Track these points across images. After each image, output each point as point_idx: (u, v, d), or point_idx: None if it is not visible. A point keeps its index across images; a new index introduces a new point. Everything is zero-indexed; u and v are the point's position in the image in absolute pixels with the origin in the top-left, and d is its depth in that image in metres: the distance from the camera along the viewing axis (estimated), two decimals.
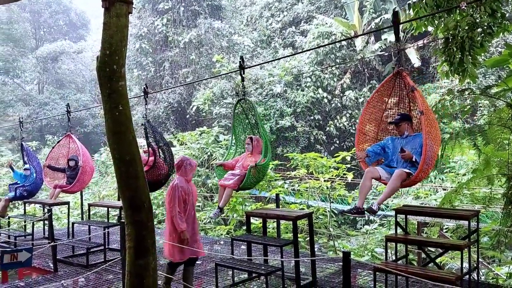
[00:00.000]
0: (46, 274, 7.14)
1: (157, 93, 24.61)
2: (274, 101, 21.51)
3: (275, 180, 13.26)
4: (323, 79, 21.22)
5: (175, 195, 5.23)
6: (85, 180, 9.65)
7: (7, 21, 38.29)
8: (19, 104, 35.04)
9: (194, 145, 17.95)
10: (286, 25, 25.32)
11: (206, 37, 24.76)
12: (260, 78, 22.02)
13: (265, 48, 25.83)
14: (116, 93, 3.93)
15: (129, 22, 4.02)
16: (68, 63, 38.30)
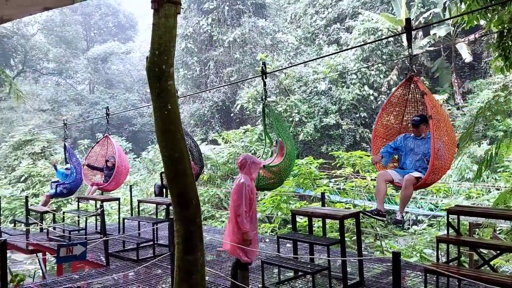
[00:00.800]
0: (99, 268, 7.39)
1: (202, 92, 24.96)
2: (319, 99, 21.34)
3: (320, 178, 13.17)
4: (369, 76, 20.85)
5: (242, 193, 5.05)
6: (120, 179, 10.09)
7: (60, 23, 39.99)
8: (72, 104, 36.47)
9: (238, 143, 18.12)
10: (330, 21, 25.04)
11: (250, 35, 24.88)
12: (304, 75, 21.89)
13: (309, 46, 25.65)
14: (165, 92, 4.02)
15: (177, 23, 4.10)
16: (117, 63, 39.51)
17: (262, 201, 13.62)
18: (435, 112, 4.95)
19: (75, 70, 40.29)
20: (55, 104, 36.19)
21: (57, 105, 36.14)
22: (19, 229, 11.61)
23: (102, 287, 6.20)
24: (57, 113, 35.16)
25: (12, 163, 25.17)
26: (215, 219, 15.11)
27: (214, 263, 7.34)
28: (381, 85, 20.93)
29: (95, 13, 43.99)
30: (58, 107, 36.04)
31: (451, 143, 5.12)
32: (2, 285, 4.61)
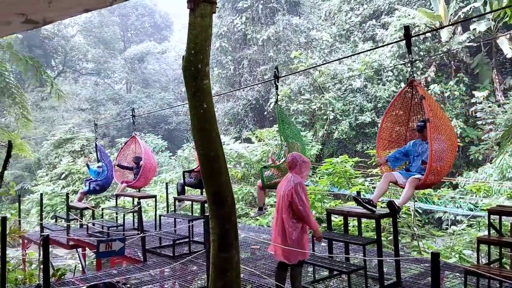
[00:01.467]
0: (136, 263, 7.55)
1: (236, 91, 25.09)
2: (354, 96, 21.08)
3: (355, 177, 13.01)
4: (406, 73, 20.41)
5: (300, 193, 4.89)
6: (148, 177, 10.54)
7: (99, 24, 41.03)
8: (109, 103, 37.37)
9: (271, 142, 18.12)
10: (366, 18, 24.67)
11: (284, 33, 24.81)
12: (339, 73, 21.67)
13: (344, 43, 25.35)
14: (200, 91, 4.05)
15: (213, 22, 4.13)
16: (153, 63, 40.19)
17: None
18: (434, 116, 5.17)
19: (113, 70, 41.24)
20: (93, 103, 37.16)
21: (96, 104, 37.11)
22: (60, 225, 11.99)
23: (139, 283, 6.34)
24: (96, 112, 36.10)
25: (53, 161, 26.04)
26: (249, 217, 15.18)
27: (249, 261, 7.38)
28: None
29: (132, 14, 44.88)
30: (96, 106, 37.00)
31: (451, 145, 5.36)
32: (44, 279, 4.77)
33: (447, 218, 15.57)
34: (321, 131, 20.97)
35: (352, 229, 9.63)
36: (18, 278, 8.21)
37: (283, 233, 5.01)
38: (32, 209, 22.31)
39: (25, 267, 10.47)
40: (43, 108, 33.44)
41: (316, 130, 21.30)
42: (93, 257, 13.72)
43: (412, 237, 11.24)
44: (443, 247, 10.43)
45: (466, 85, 20.11)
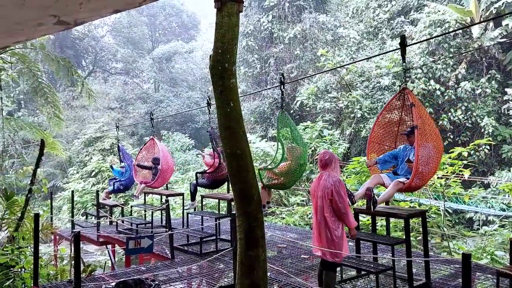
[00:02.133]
0: (164, 260, 7.65)
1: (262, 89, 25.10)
2: (382, 94, 20.79)
3: None
4: (435, 70, 20.01)
5: (339, 189, 4.84)
6: (166, 177, 10.78)
7: (128, 25, 41.70)
8: (138, 102, 37.94)
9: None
10: (394, 15, 24.28)
11: (310, 31, 24.68)
12: (366, 70, 21.42)
13: (372, 40, 25.03)
14: (227, 90, 4.08)
15: (239, 21, 4.15)
16: (181, 62, 40.58)
17: None
18: (422, 123, 5.46)
19: (141, 70, 41.83)
20: (122, 102, 37.79)
21: (125, 104, 37.72)
22: (90, 222, 12.27)
23: (167, 280, 6.42)
24: (125, 111, 36.71)
25: (84, 159, 26.64)
26: (276, 216, 15.17)
27: (276, 260, 7.37)
28: (448, 79, 20.03)
29: (160, 14, 45.42)
30: (125, 105, 37.62)
31: (438, 152, 5.65)
32: (76, 275, 4.89)
33: (479, 219, 15.22)
34: (348, 129, 20.79)
35: (380, 228, 9.52)
36: (50, 273, 8.42)
37: (326, 233, 4.95)
38: (63, 206, 22.90)
39: (57, 262, 10.74)
40: (74, 107, 34.20)
41: (343, 129, 21.12)
42: (122, 253, 13.98)
43: (442, 237, 11.03)
44: (474, 248, 10.20)
45: (498, 82, 19.58)
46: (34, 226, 6.37)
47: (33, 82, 10.89)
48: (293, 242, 8.46)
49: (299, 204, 15.42)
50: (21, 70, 11.21)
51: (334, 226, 4.91)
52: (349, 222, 4.91)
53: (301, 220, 13.59)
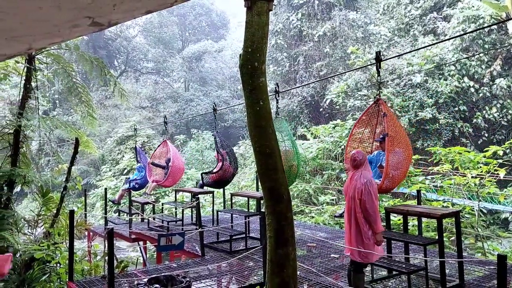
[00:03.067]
0: (194, 258, 7.73)
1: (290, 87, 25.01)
2: (413, 92, 20.40)
3: (415, 175, 12.62)
4: (469, 67, 19.49)
5: (371, 190, 4.79)
6: (176, 177, 11.41)
7: (158, 25, 42.28)
8: (169, 101, 38.43)
9: (327, 139, 17.93)
10: (426, 11, 23.76)
11: (340, 29, 24.45)
12: (397, 68, 21.06)
13: (403, 37, 24.59)
14: (257, 89, 4.09)
15: (269, 20, 4.15)
16: (210, 61, 40.88)
17: None
18: (393, 131, 6.06)
19: (172, 69, 42.33)
20: (153, 101, 38.35)
21: (156, 103, 38.27)
22: (123, 219, 12.51)
23: (198, 277, 6.49)
24: (156, 110, 37.24)
25: (116, 157, 27.18)
26: (305, 214, 15.12)
27: (305, 258, 7.35)
28: (482, 76, 19.49)
29: (190, 14, 45.85)
30: (156, 104, 38.16)
31: (407, 157, 6.26)
32: (109, 270, 5.00)
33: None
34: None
35: (411, 228, 9.37)
36: (84, 269, 8.64)
37: (358, 234, 4.91)
38: (96, 203, 23.43)
39: (91, 258, 11.01)
40: (107, 106, 34.93)
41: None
42: (153, 250, 14.20)
43: (476, 238, 10.76)
44: (510, 249, 9.92)
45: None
46: (69, 222, 6.55)
47: (68, 82, 11.16)
48: (323, 241, 8.42)
49: (328, 203, 15.32)
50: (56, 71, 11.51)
51: (365, 227, 4.86)
52: (376, 225, 4.82)
53: (331, 219, 13.50)
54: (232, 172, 9.76)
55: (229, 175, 9.76)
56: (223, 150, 9.80)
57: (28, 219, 9.69)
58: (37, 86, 10.16)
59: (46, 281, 7.79)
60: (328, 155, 17.95)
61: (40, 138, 14.44)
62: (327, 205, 14.96)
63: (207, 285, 6.08)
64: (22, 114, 9.52)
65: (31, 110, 9.90)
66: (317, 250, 8.09)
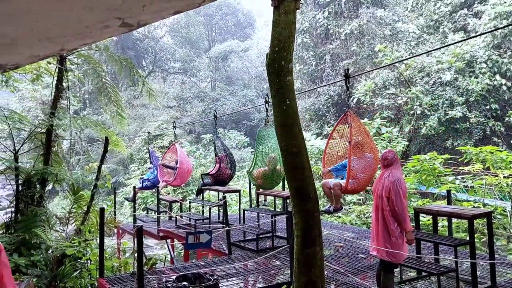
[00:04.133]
0: (221, 256, 7.78)
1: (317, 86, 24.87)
2: (443, 90, 20.00)
3: (445, 175, 12.36)
4: (501, 64, 18.97)
5: (398, 189, 4.75)
6: (183, 178, 12.43)
7: (185, 25, 42.68)
8: (195, 101, 38.76)
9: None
10: (456, 7, 23.25)
11: (368, 26, 24.16)
12: (426, 66, 20.68)
13: (432, 34, 24.11)
14: (284, 88, 4.09)
15: (296, 18, 4.14)
16: (236, 61, 41.02)
17: None
18: (362, 138, 6.96)
19: (198, 69, 42.66)
20: (180, 101, 38.74)
21: (183, 102, 38.65)
22: (151, 217, 12.69)
23: (225, 275, 6.53)
24: (183, 110, 37.62)
25: (144, 156, 27.57)
26: (331, 214, 15.01)
27: (332, 258, 7.31)
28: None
29: (216, 14, 46.10)
30: (183, 104, 38.54)
31: (375, 161, 6.90)
32: (138, 267, 5.08)
33: None
34: (407, 126, 20.18)
35: (441, 229, 9.20)
36: (114, 265, 8.80)
37: (385, 232, 4.88)
38: (125, 201, 23.82)
39: (120, 255, 11.21)
40: (135, 106, 35.47)
41: (402, 126, 20.52)
42: (181, 248, 14.36)
43: (508, 239, 10.47)
44: None
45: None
46: (100, 220, 6.68)
47: (98, 82, 11.40)
48: (350, 241, 8.35)
49: (355, 203, 15.17)
50: (87, 71, 11.77)
51: (393, 226, 4.81)
52: (405, 224, 4.76)
53: (358, 219, 13.37)
54: (229, 174, 10.99)
55: (226, 177, 10.97)
56: (221, 154, 10.93)
57: (59, 217, 9.94)
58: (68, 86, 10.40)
59: (77, 277, 7.97)
60: None
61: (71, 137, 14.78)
62: (354, 204, 14.81)
63: (234, 284, 6.11)
64: (54, 113, 9.76)
65: (62, 110, 10.14)
66: (344, 250, 8.03)
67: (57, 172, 9.44)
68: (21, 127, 10.27)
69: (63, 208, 11.03)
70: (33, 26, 2.83)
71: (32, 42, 3.17)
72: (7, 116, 9.65)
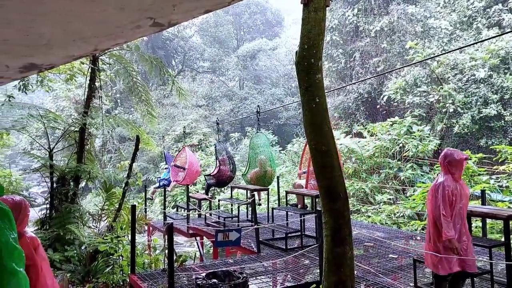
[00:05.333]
0: (250, 254, 7.80)
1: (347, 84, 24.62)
2: (477, 88, 19.47)
3: (479, 175, 12.05)
4: None
5: (437, 194, 4.53)
6: (191, 178, 13.71)
7: (214, 24, 42.93)
8: (224, 100, 38.96)
9: (385, 136, 17.50)
10: (491, 2, 22.57)
11: (398, 23, 23.74)
12: (459, 62, 20.18)
13: (466, 30, 23.49)
14: (313, 86, 4.06)
15: (325, 16, 4.10)
16: (264, 59, 40.99)
17: (412, 197, 12.99)
18: None
19: (227, 68, 42.85)
20: (209, 100, 39.01)
21: (211, 101, 38.91)
22: (180, 214, 12.83)
23: (254, 273, 6.54)
24: (211, 109, 37.87)
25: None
26: (361, 214, 14.85)
27: (362, 258, 7.23)
28: None
29: (245, 12, 46.19)
30: (212, 102, 38.80)
31: None
32: (169, 264, 5.15)
33: None
34: (439, 125, 19.74)
35: (475, 230, 8.98)
36: (145, 262, 8.94)
37: (430, 237, 4.70)
38: (155, 199, 24.16)
39: (150, 252, 11.38)
40: (165, 105, 35.91)
41: (433, 124, 20.09)
42: (210, 245, 14.47)
43: None
44: None
45: None
46: (131, 217, 6.80)
47: (129, 81, 11.60)
48: (381, 241, 8.24)
49: (385, 202, 14.96)
50: (118, 71, 11.99)
51: (433, 230, 4.65)
52: (444, 230, 4.45)
53: (388, 219, 13.18)
54: (229, 175, 12.12)
55: (226, 177, 12.14)
56: (222, 156, 12.18)
57: (92, 213, 10.17)
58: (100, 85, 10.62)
59: (109, 273, 8.13)
60: (385, 153, 17.53)
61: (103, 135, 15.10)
62: (384, 204, 14.61)
63: (263, 282, 6.12)
64: (87, 112, 9.99)
65: (95, 109, 10.37)
66: (375, 250, 7.93)
67: (90, 170, 9.66)
68: (55, 126, 10.55)
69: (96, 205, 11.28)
70: (67, 27, 2.90)
71: (67, 42, 3.25)
72: (42, 115, 9.93)
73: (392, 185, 15.95)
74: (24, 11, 2.53)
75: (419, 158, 16.78)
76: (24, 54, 3.43)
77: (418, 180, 15.54)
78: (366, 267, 6.43)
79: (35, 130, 14.46)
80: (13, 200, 3.43)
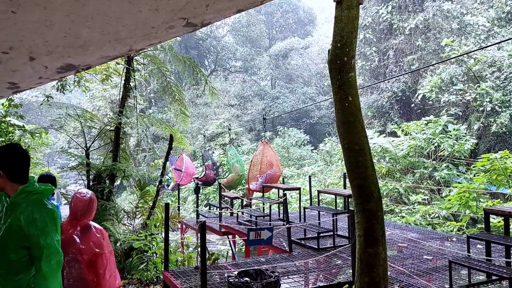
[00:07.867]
0: (282, 253, 7.80)
1: (380, 83, 24.26)
2: None
3: None
4: None
5: None
6: (187, 179, 17.21)
7: (246, 24, 43.08)
8: (256, 99, 39.05)
9: (419, 135, 17.15)
10: None
11: (434, 20, 23.22)
12: (497, 60, 19.55)
13: (504, 27, 22.74)
14: (346, 84, 4.02)
15: (359, 13, 4.06)
16: (296, 58, 40.84)
17: (448, 197, 12.70)
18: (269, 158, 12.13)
19: (259, 67, 42.93)
20: (241, 99, 39.19)
21: (243, 100, 39.08)
22: (213, 213, 12.95)
23: (286, 272, 6.54)
24: (243, 108, 38.03)
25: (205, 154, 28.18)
26: (395, 214, 14.62)
27: (395, 259, 7.12)
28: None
29: (277, 11, 46.14)
30: (244, 102, 38.96)
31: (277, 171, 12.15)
32: (202, 261, 5.21)
33: None
34: (476, 124, 19.19)
35: None
36: (178, 259, 9.08)
37: None
38: (188, 197, 24.49)
39: (183, 249, 11.53)
40: (198, 104, 36.29)
41: (470, 123, 19.55)
42: (242, 244, 14.54)
43: None
44: None
45: None
46: (165, 214, 6.90)
47: (163, 81, 11.78)
48: (415, 242, 8.09)
49: (420, 203, 14.67)
50: (152, 71, 12.19)
51: None
52: None
53: (423, 219, 12.93)
54: (213, 177, 15.92)
55: (211, 179, 16.04)
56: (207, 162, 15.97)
57: (127, 211, 10.39)
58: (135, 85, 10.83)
59: (143, 270, 8.30)
60: (420, 153, 17.18)
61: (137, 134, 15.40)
62: (419, 204, 14.33)
63: (294, 281, 6.11)
64: (122, 112, 10.21)
65: (130, 108, 10.58)
66: (408, 250, 7.79)
67: (125, 168, 9.87)
68: (92, 125, 10.82)
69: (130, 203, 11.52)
70: (104, 28, 2.97)
71: (103, 43, 3.33)
72: (79, 114, 10.21)
73: (427, 185, 15.62)
74: (65, 13, 2.61)
75: (455, 158, 16.37)
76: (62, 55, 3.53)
77: (454, 181, 15.17)
78: (400, 268, 6.33)
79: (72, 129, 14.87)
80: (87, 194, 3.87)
